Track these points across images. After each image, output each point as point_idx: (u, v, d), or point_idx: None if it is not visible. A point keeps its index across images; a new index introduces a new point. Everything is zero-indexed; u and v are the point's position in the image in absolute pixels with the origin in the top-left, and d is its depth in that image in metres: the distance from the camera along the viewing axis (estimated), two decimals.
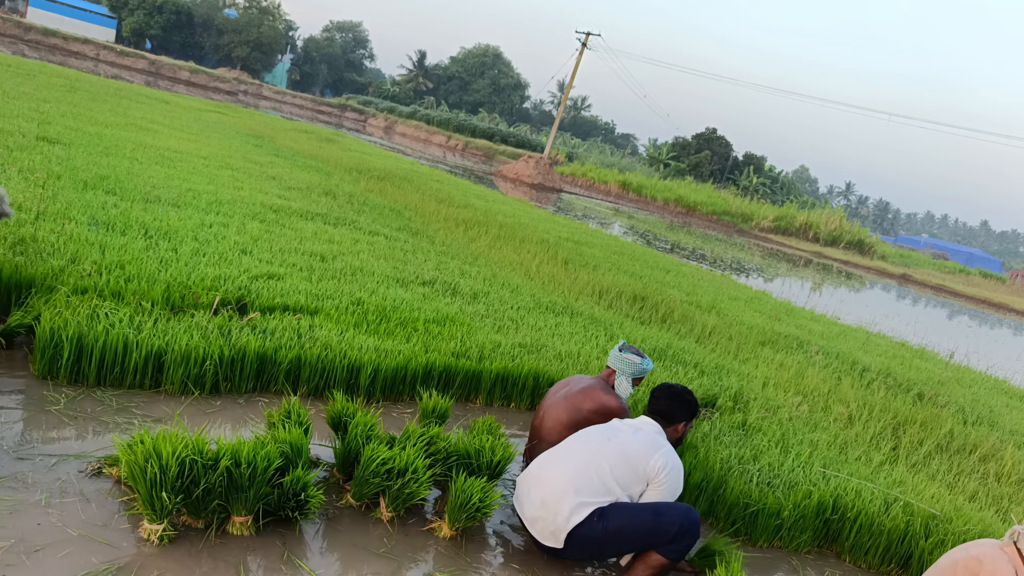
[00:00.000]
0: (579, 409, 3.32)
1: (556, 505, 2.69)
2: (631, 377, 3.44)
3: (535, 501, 2.77)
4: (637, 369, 3.43)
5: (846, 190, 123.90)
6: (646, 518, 2.71)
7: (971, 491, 4.39)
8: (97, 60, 46.09)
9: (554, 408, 3.38)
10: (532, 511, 2.77)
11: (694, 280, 10.61)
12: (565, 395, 3.41)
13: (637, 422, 3.00)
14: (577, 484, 2.71)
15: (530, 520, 2.78)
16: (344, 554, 2.55)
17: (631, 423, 3.00)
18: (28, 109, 9.67)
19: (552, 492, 2.72)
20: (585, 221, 19.74)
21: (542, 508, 2.73)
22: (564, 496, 2.69)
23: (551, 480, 2.77)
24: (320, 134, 22.12)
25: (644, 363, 3.44)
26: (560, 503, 2.69)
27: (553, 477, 2.77)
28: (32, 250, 3.96)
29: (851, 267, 31.22)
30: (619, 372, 3.45)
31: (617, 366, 3.45)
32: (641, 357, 3.45)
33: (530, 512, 2.78)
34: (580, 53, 38.93)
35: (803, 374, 6.07)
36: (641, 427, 2.95)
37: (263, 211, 6.91)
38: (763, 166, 57.09)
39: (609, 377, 3.50)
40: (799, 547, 3.53)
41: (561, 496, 2.70)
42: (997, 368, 10.56)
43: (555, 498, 2.71)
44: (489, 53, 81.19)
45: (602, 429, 2.97)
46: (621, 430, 2.93)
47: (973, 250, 66.19)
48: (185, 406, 3.26)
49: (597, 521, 2.67)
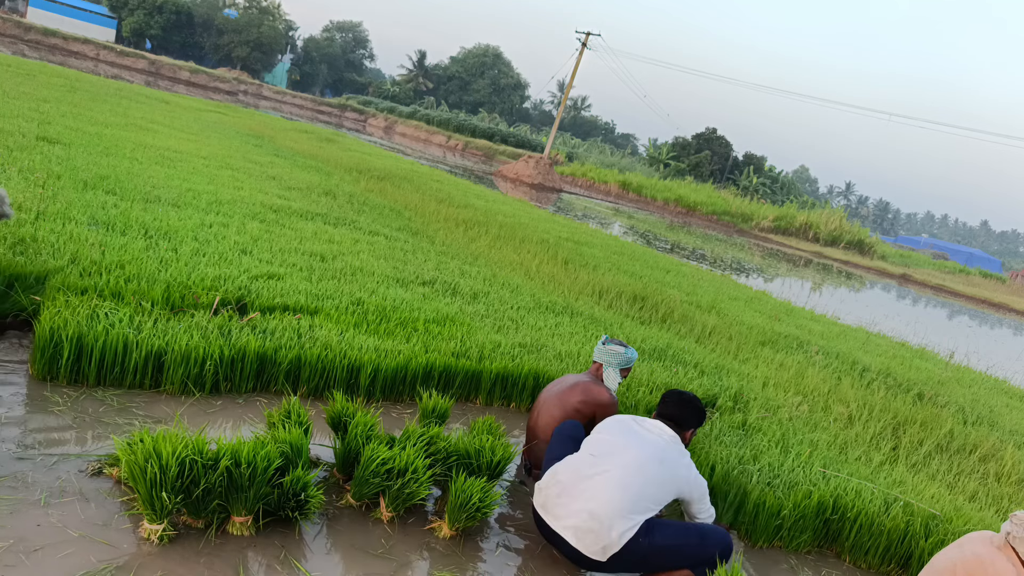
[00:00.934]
0: (569, 403, 3.38)
1: (611, 520, 2.62)
2: (618, 368, 3.53)
3: (579, 512, 2.67)
4: (623, 359, 3.51)
5: (846, 190, 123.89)
6: (693, 541, 2.73)
7: (971, 491, 4.39)
8: (97, 60, 46.09)
9: (547, 406, 3.44)
10: (576, 522, 2.67)
11: (694, 280, 10.61)
12: (556, 393, 3.47)
13: (655, 427, 2.95)
14: (633, 499, 2.67)
15: (574, 530, 2.67)
16: (344, 554, 2.55)
17: (650, 428, 2.94)
18: (28, 109, 9.67)
19: (605, 506, 2.64)
20: (585, 221, 19.74)
21: (592, 520, 2.64)
22: (619, 511, 2.63)
23: (603, 493, 2.67)
24: (320, 134, 22.12)
25: (628, 352, 3.54)
26: (615, 518, 2.62)
27: (606, 490, 2.68)
28: (32, 250, 3.96)
29: (851, 267, 31.22)
30: (606, 364, 3.53)
31: (603, 359, 3.54)
32: (625, 347, 3.55)
33: (573, 522, 2.68)
34: (580, 53, 38.94)
35: (803, 374, 6.07)
36: (665, 434, 2.92)
37: (263, 211, 6.91)
38: (763, 166, 57.08)
39: (597, 372, 3.58)
40: (799, 547, 3.53)
41: (616, 511, 2.63)
42: (997, 368, 10.56)
43: (609, 513, 2.63)
44: (489, 53, 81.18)
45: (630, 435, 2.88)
46: (655, 443, 2.86)
47: (973, 250, 66.19)
48: (185, 406, 3.26)
49: (644, 536, 2.65)
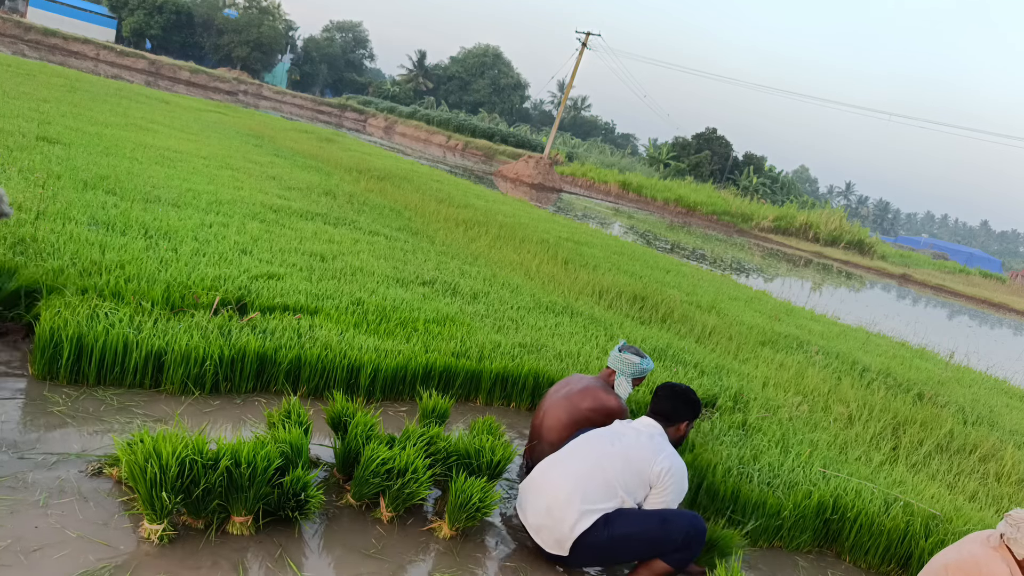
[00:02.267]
0: (578, 408, 3.32)
1: (561, 512, 2.65)
2: (631, 377, 3.45)
3: (539, 508, 2.73)
4: (637, 369, 3.43)
5: (846, 190, 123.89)
6: (653, 526, 2.68)
7: (971, 491, 4.39)
8: (97, 60, 46.08)
9: (554, 408, 3.39)
10: (536, 519, 2.73)
11: (694, 280, 10.61)
12: (565, 395, 3.41)
13: (638, 423, 2.97)
14: (583, 491, 2.67)
15: (534, 528, 2.74)
16: (343, 554, 2.55)
17: (632, 424, 2.97)
18: (28, 109, 9.67)
19: (557, 499, 2.68)
20: (585, 221, 19.73)
21: (547, 515, 2.68)
22: (569, 503, 2.65)
23: (555, 487, 2.72)
24: (320, 134, 22.12)
25: (644, 363, 3.44)
26: (565, 510, 2.65)
27: (557, 484, 2.73)
28: (32, 250, 3.96)
29: (851, 267, 31.22)
30: (619, 372, 3.46)
31: (617, 366, 3.46)
32: (641, 357, 3.45)
33: (534, 520, 2.74)
34: (580, 53, 38.93)
35: (803, 374, 6.07)
36: (642, 429, 2.92)
37: (263, 211, 6.91)
38: (763, 166, 57.08)
39: (609, 377, 3.50)
40: (799, 547, 3.53)
41: (566, 503, 2.65)
42: (997, 368, 10.56)
43: (560, 505, 2.66)
44: (489, 53, 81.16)
45: (605, 433, 2.93)
46: (624, 433, 2.90)
47: (973, 250, 66.19)
48: (185, 406, 3.26)
49: (603, 528, 2.64)
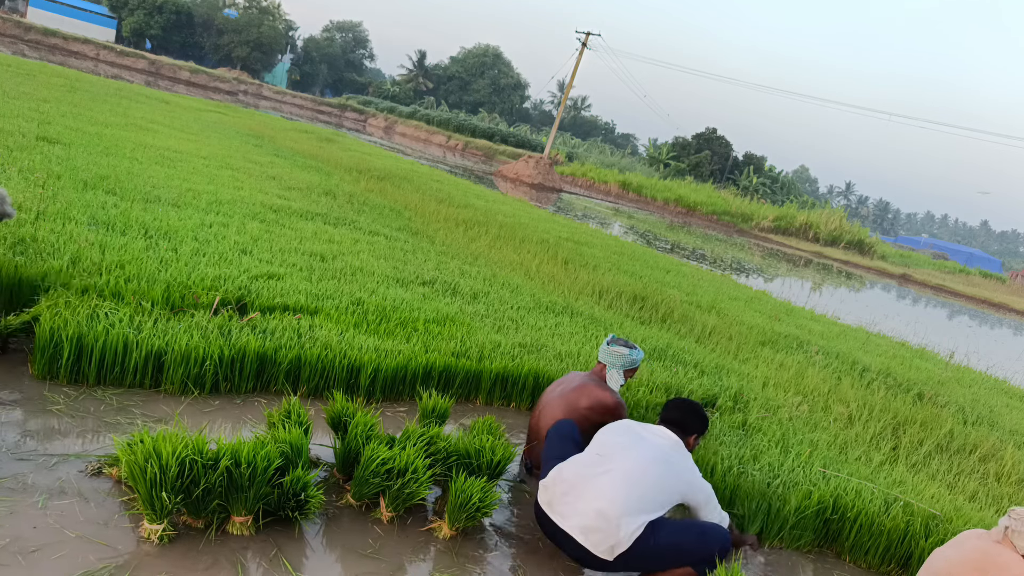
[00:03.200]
0: (576, 407, 3.33)
1: (619, 519, 2.62)
2: (622, 369, 3.47)
3: (587, 510, 2.67)
4: (627, 360, 3.45)
5: (846, 190, 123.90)
6: (694, 537, 2.71)
7: (971, 491, 4.39)
8: (97, 60, 46.09)
9: (550, 407, 3.39)
10: (585, 521, 2.67)
11: (694, 280, 10.61)
12: (560, 393, 3.42)
13: (660, 432, 2.95)
14: (640, 498, 2.66)
15: (583, 529, 2.67)
16: (343, 554, 2.55)
17: (658, 433, 2.94)
18: (28, 109, 9.67)
19: (613, 505, 2.64)
20: (585, 221, 19.73)
21: (599, 519, 2.64)
22: (628, 512, 2.63)
23: (611, 492, 2.67)
24: (320, 134, 22.12)
25: (633, 354, 3.47)
26: (623, 517, 2.62)
27: (613, 488, 2.68)
28: (32, 250, 3.96)
29: (851, 267, 31.22)
30: (609, 366, 3.47)
31: (607, 360, 3.48)
32: (630, 348, 3.48)
33: (581, 521, 2.68)
34: (580, 53, 38.93)
35: (803, 374, 6.07)
36: (670, 437, 2.91)
37: (263, 211, 6.91)
38: (763, 166, 57.09)
39: (601, 372, 3.51)
40: (799, 547, 3.53)
41: (624, 510, 2.63)
42: (997, 368, 10.56)
43: (617, 511, 2.63)
44: (489, 53, 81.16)
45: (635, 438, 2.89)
46: (661, 446, 2.86)
47: (973, 250, 66.20)
48: (185, 406, 3.26)
49: (650, 536, 2.64)
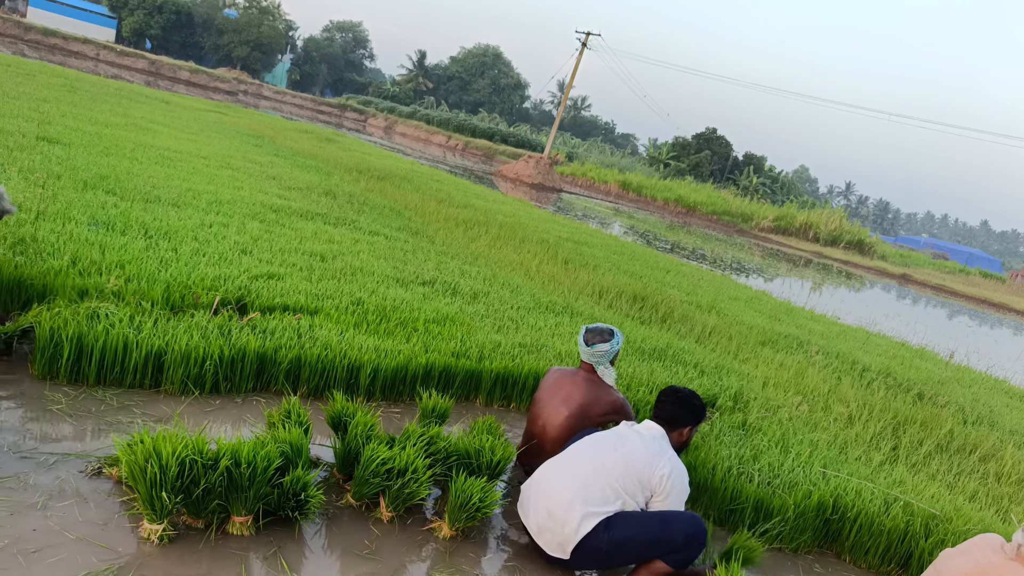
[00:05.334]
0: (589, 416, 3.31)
1: (564, 516, 2.66)
2: (609, 361, 3.41)
3: (541, 511, 2.73)
4: (612, 353, 3.39)
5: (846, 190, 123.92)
6: (652, 527, 2.68)
7: (971, 491, 4.39)
8: (97, 60, 46.09)
9: (556, 414, 3.35)
10: (538, 521, 2.73)
11: (694, 280, 10.61)
12: (563, 400, 3.36)
13: (641, 427, 2.97)
14: (585, 494, 2.67)
15: (536, 530, 2.74)
16: (343, 553, 2.55)
17: (636, 428, 2.96)
18: (28, 109, 9.67)
19: (559, 503, 2.68)
20: (585, 221, 19.73)
21: (548, 518, 2.69)
22: (572, 507, 2.65)
23: (558, 490, 2.72)
24: (320, 134, 22.11)
25: (614, 343, 3.37)
26: (568, 514, 2.65)
27: (560, 487, 2.73)
28: (32, 250, 3.96)
29: (851, 267, 31.21)
30: (596, 364, 3.41)
31: (593, 360, 3.40)
32: (608, 339, 3.36)
33: (536, 522, 2.75)
34: (580, 53, 38.91)
35: (803, 374, 6.07)
36: (644, 433, 2.92)
37: (263, 211, 6.91)
38: (763, 166, 57.10)
39: (591, 371, 3.44)
40: (799, 547, 3.53)
41: (568, 507, 2.66)
42: (997, 368, 10.56)
43: (563, 509, 2.67)
44: (489, 53, 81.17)
45: (609, 436, 2.93)
46: (627, 437, 2.89)
47: (973, 250, 66.18)
48: (185, 406, 3.26)
49: (603, 532, 2.64)
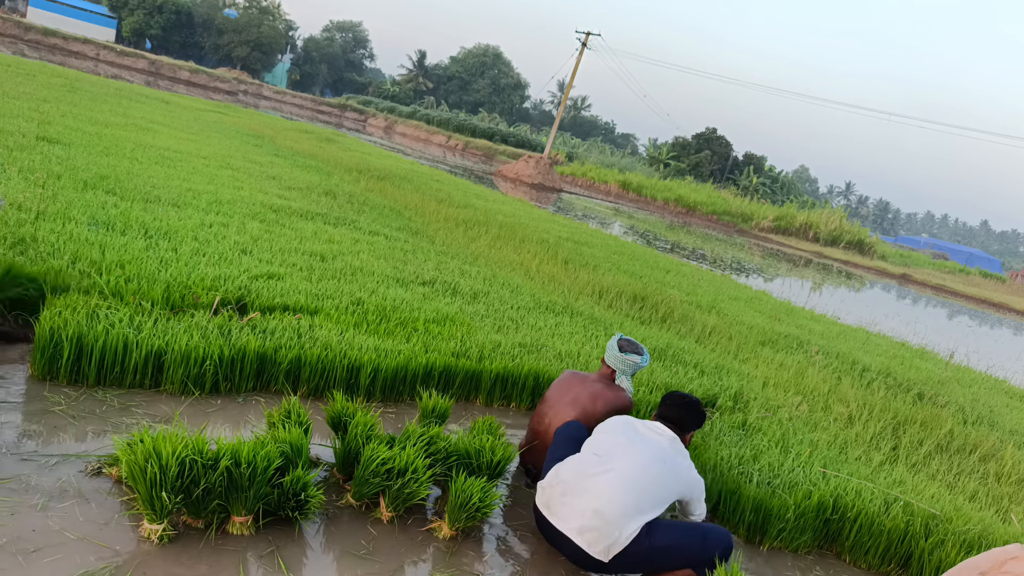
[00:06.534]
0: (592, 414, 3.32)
1: (616, 519, 2.61)
2: (631, 374, 3.53)
3: (584, 510, 2.66)
4: (637, 367, 3.51)
5: (846, 190, 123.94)
6: (695, 539, 2.70)
7: (971, 491, 4.40)
8: (97, 60, 46.09)
9: (563, 414, 3.35)
10: (582, 521, 2.66)
11: (694, 280, 10.61)
12: (572, 401, 3.37)
13: (661, 430, 2.94)
14: (636, 497, 2.65)
15: (580, 530, 2.66)
16: (343, 553, 2.55)
17: (653, 429, 2.94)
18: (28, 109, 9.66)
19: (609, 504, 2.63)
20: (585, 221, 19.73)
21: (596, 518, 2.63)
22: (626, 513, 2.62)
23: (606, 491, 2.67)
24: (320, 134, 22.12)
25: (643, 361, 3.50)
26: (620, 518, 2.61)
27: (607, 488, 2.67)
28: (32, 250, 3.96)
29: (851, 267, 31.22)
30: (619, 372, 3.49)
31: (618, 366, 3.48)
32: (640, 355, 3.50)
33: (578, 522, 2.67)
34: (580, 53, 38.91)
35: (803, 374, 6.07)
36: (667, 435, 2.92)
37: (263, 211, 6.91)
38: (763, 166, 57.11)
39: (610, 375, 3.51)
40: (799, 547, 3.53)
41: (622, 513, 2.62)
42: (997, 368, 10.56)
43: (614, 512, 2.62)
44: (489, 53, 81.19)
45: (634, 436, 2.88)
46: (659, 444, 2.86)
47: (973, 250, 66.20)
48: (185, 406, 3.26)
49: (646, 537, 2.63)
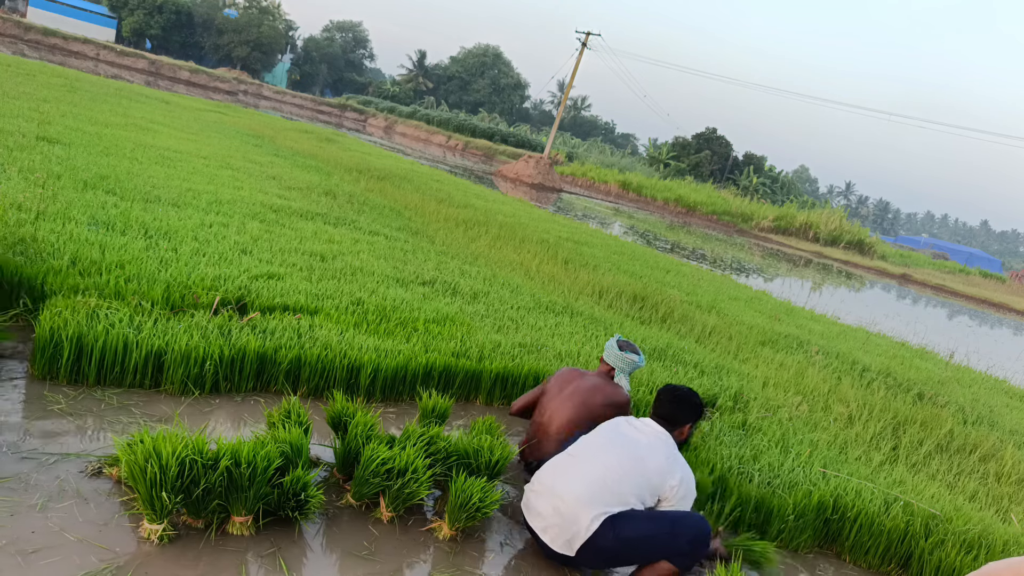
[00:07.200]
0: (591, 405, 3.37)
1: (573, 514, 2.65)
2: (629, 374, 3.61)
3: (547, 509, 2.72)
4: (635, 366, 3.59)
5: (846, 190, 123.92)
6: (663, 528, 2.69)
7: (971, 491, 4.40)
8: (97, 60, 46.09)
9: (562, 407, 3.39)
10: (544, 519, 2.72)
11: (694, 280, 10.61)
12: (571, 393, 3.42)
13: (646, 428, 2.94)
14: (594, 494, 2.67)
15: (542, 528, 2.74)
16: (343, 554, 2.55)
17: (640, 428, 2.94)
18: (28, 109, 9.66)
19: (568, 501, 2.67)
20: (585, 221, 19.73)
21: (555, 516, 2.69)
22: (581, 506, 2.65)
23: (567, 489, 2.71)
24: (320, 134, 22.12)
25: (640, 360, 3.60)
26: (578, 512, 2.65)
27: (570, 487, 2.71)
28: (32, 250, 3.96)
29: (851, 267, 31.22)
30: (619, 370, 3.57)
31: (617, 364, 3.56)
32: (638, 355, 3.59)
33: (542, 521, 2.74)
34: (580, 53, 38.90)
35: (803, 374, 6.07)
36: (651, 435, 2.91)
37: (263, 211, 6.91)
38: (763, 166, 57.10)
39: (608, 372, 3.60)
40: (799, 547, 3.53)
41: (578, 506, 2.65)
42: (997, 368, 10.56)
43: (572, 508, 2.66)
44: (489, 53, 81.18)
45: (616, 438, 2.90)
46: (637, 440, 2.86)
47: (973, 250, 66.19)
48: (185, 406, 3.26)
49: (609, 529, 2.64)
